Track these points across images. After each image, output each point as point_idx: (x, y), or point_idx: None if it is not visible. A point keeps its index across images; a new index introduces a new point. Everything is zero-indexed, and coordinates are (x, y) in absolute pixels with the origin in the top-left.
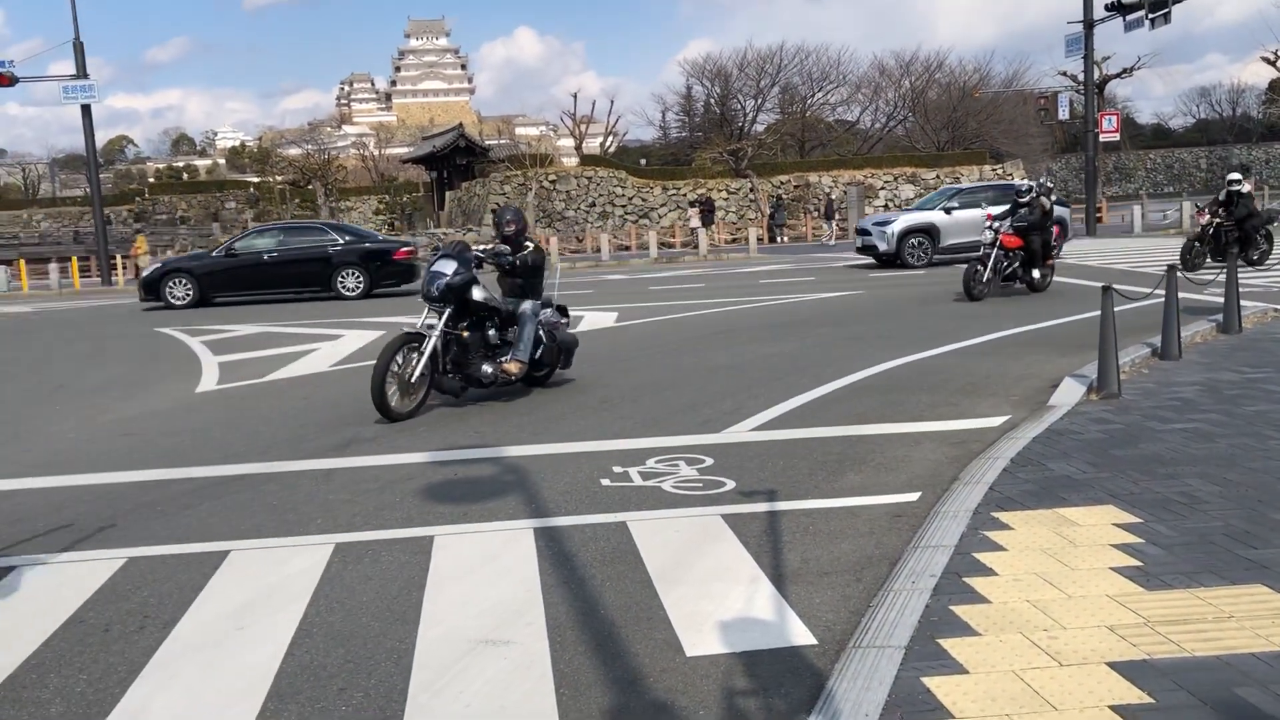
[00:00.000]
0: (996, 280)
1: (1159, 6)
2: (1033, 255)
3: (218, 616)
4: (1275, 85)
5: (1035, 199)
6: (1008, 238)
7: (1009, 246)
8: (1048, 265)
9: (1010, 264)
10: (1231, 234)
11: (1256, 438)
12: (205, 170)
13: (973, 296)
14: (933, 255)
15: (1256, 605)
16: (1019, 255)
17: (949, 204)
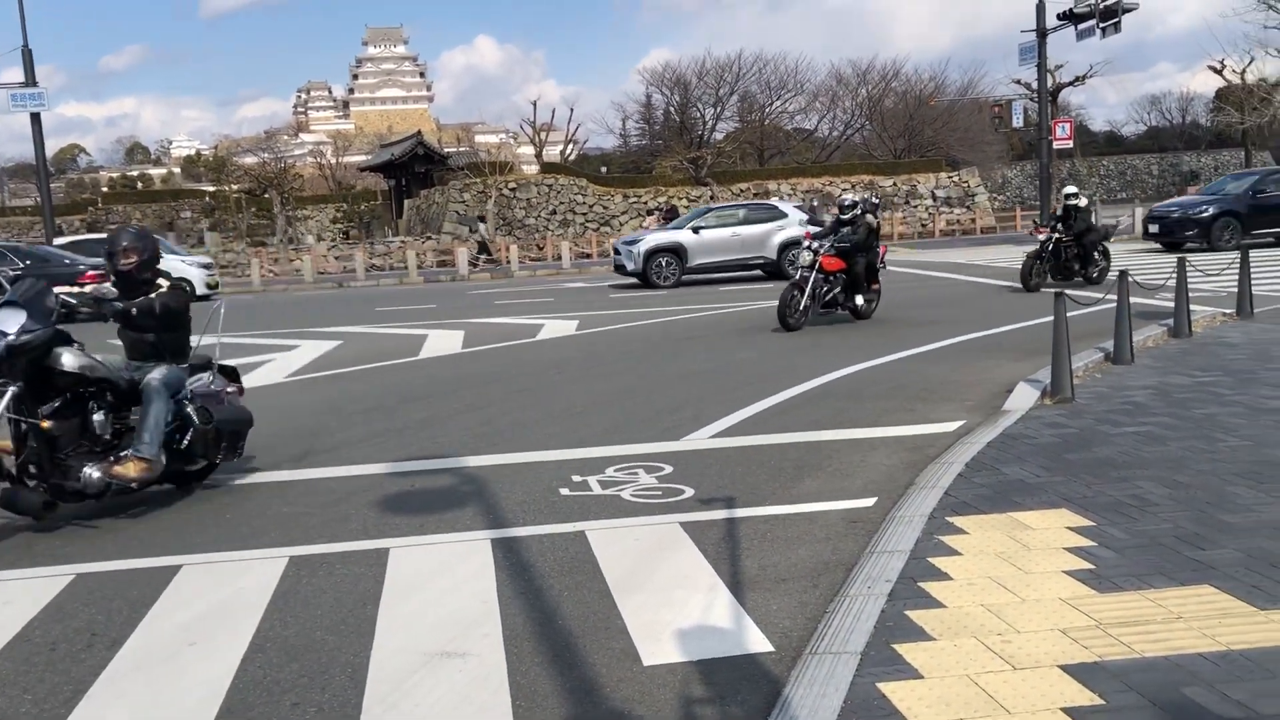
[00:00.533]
0: (815, 307)
1: (1109, 16)
2: (856, 279)
3: (168, 633)
4: (1222, 94)
5: (860, 216)
6: (828, 260)
7: (829, 270)
8: (873, 290)
9: (831, 289)
10: (1071, 250)
11: (1206, 440)
12: (160, 179)
13: (788, 326)
14: (680, 275)
15: (1204, 606)
16: (840, 279)
17: (699, 223)
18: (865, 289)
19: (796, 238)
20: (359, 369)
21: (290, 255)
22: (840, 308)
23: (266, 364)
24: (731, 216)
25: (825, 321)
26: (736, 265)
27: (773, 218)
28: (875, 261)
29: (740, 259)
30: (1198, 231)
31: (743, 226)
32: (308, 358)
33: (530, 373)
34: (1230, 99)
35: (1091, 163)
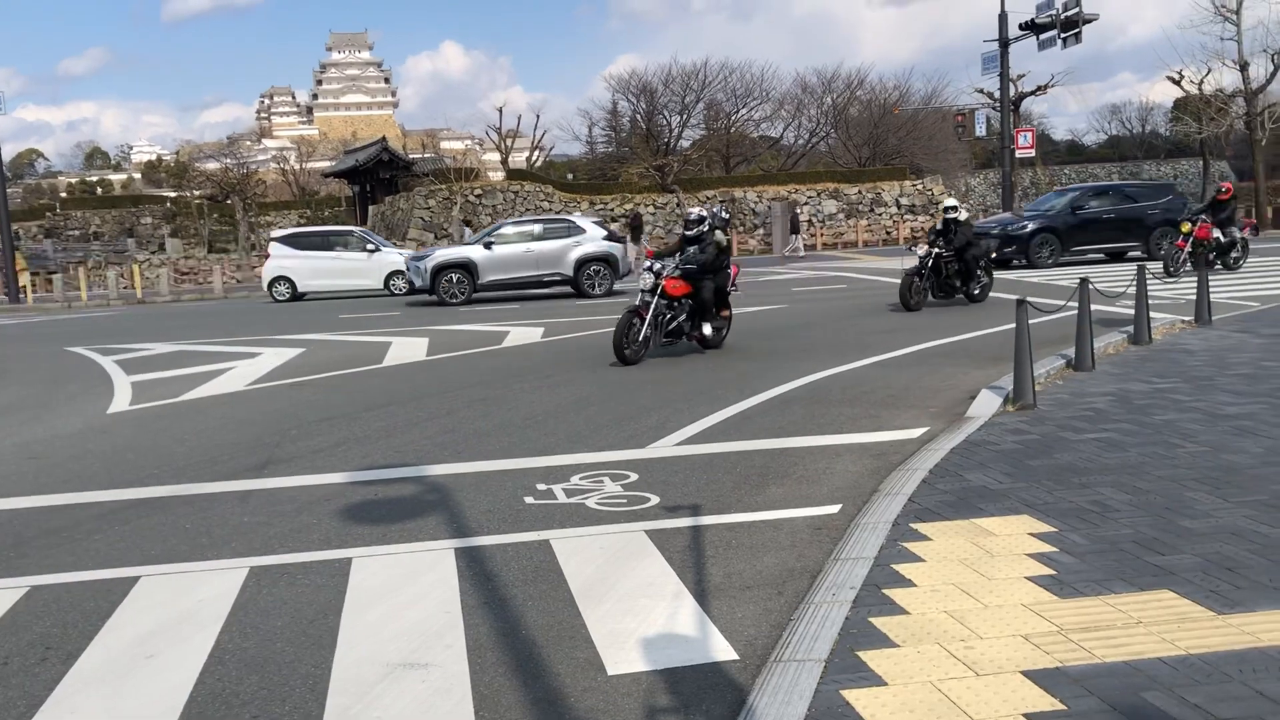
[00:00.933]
0: (658, 336)
1: (1070, 26)
2: (703, 305)
3: (125, 645)
4: (1180, 104)
5: (707, 233)
6: (672, 283)
7: (674, 294)
8: (723, 317)
9: (675, 316)
10: (951, 266)
11: (1165, 446)
12: (120, 185)
13: (625, 359)
14: (472, 292)
15: (1163, 611)
16: (686, 305)
17: (492, 238)
18: (714, 316)
19: (596, 253)
20: (322, 377)
21: (253, 262)
22: (686, 336)
23: (228, 371)
24: (527, 232)
25: (667, 352)
26: (532, 282)
27: (570, 233)
28: (725, 285)
29: (536, 275)
30: (1016, 248)
31: (538, 242)
32: (270, 365)
33: (495, 380)
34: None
35: (1053, 171)
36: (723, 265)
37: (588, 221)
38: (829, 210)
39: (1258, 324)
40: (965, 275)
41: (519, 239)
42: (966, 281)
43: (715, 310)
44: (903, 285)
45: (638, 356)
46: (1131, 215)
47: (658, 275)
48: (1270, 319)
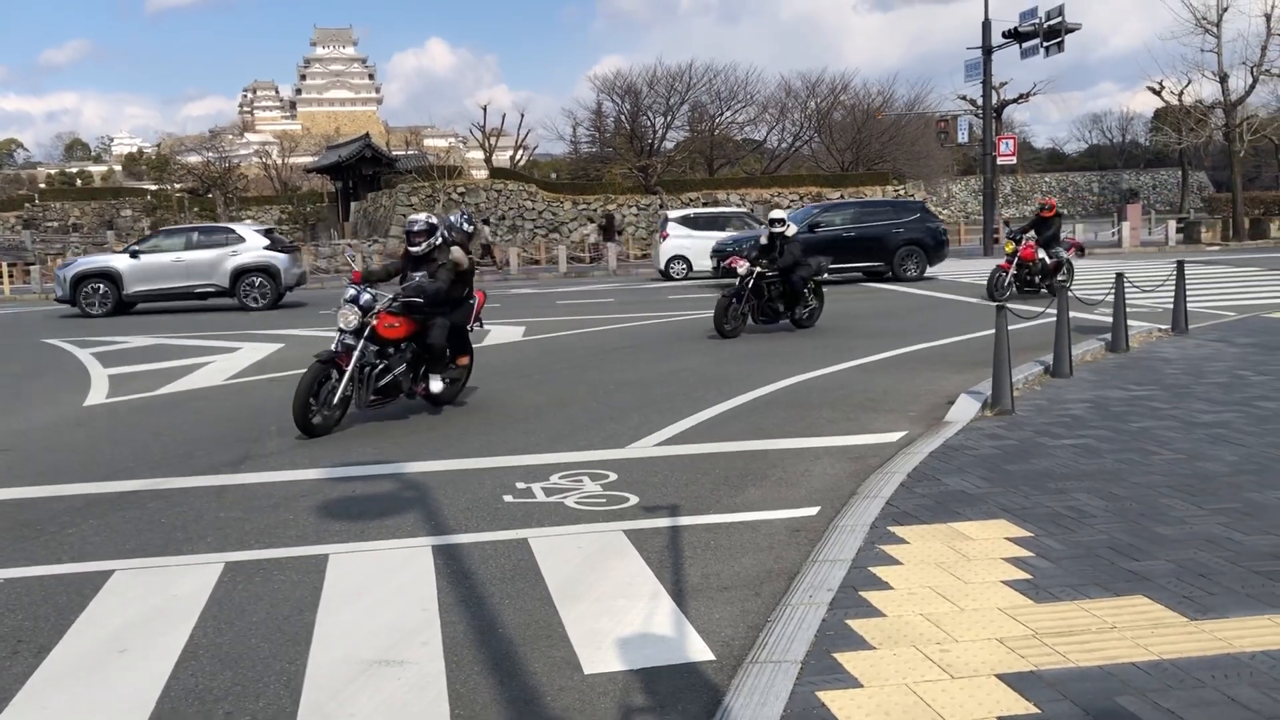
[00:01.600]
0: (364, 395)
1: (1053, 35)
2: (433, 352)
3: (98, 640)
4: (1160, 114)
5: (441, 249)
6: (387, 321)
7: (389, 337)
8: (460, 365)
9: (390, 367)
10: (775, 287)
11: (1140, 453)
12: (100, 177)
13: (309, 429)
14: (116, 302)
15: (1137, 616)
16: (407, 352)
17: (139, 246)
18: (447, 364)
19: (254, 264)
20: (300, 372)
21: None
22: (406, 393)
23: (206, 366)
24: (179, 241)
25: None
26: (183, 293)
27: (227, 242)
28: (465, 322)
29: (187, 286)
30: None
31: (190, 251)
32: (249, 360)
33: (475, 379)
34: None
35: (1034, 179)
36: (462, 296)
37: (250, 230)
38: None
39: (1233, 333)
40: (790, 298)
41: (171, 248)
42: (792, 305)
43: (450, 357)
44: (718, 309)
45: (331, 421)
46: (873, 234)
47: (365, 310)
48: (1246, 329)
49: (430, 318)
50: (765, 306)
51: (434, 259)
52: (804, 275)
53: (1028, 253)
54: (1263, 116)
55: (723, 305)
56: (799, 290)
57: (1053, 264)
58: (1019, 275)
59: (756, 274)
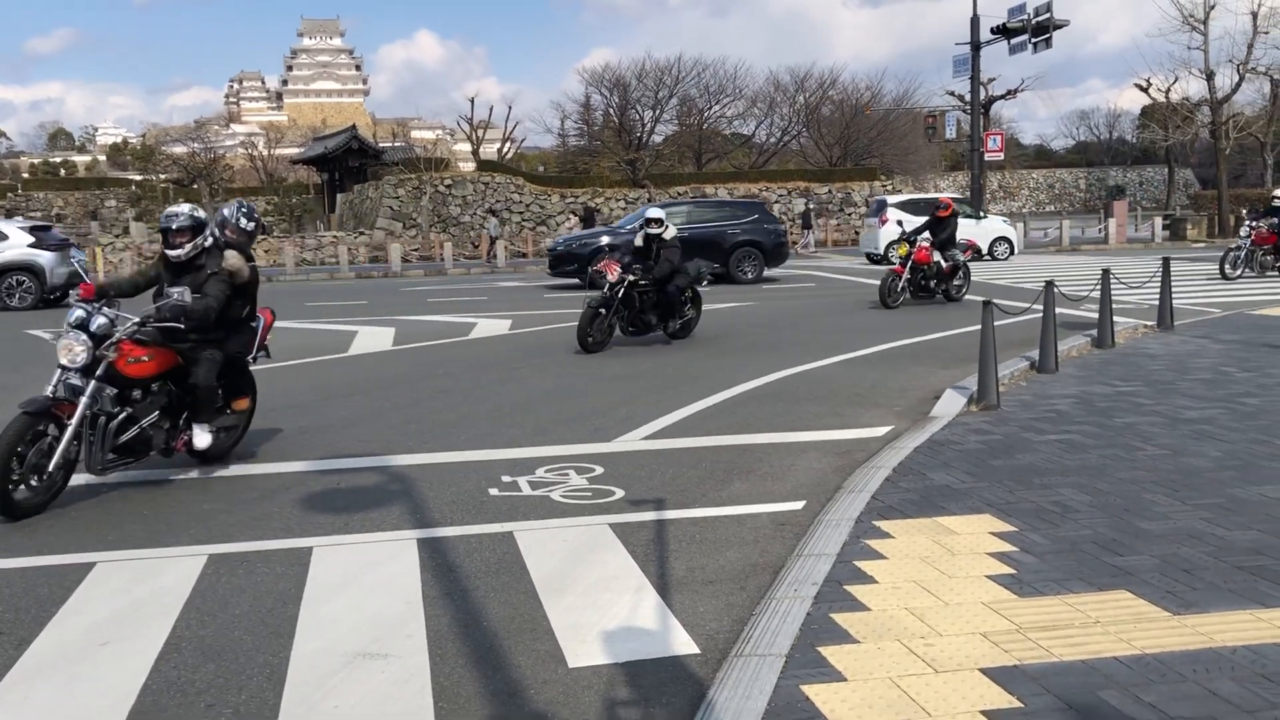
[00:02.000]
0: (98, 455)
1: (1041, 32)
2: (199, 395)
3: (79, 632)
4: (1147, 111)
5: (212, 255)
6: (132, 354)
7: (134, 376)
8: (237, 410)
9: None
10: (648, 298)
11: (1125, 449)
12: (84, 167)
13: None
14: None
15: (1120, 610)
16: (163, 396)
17: None
18: (214, 409)
19: (13, 262)
20: (286, 365)
21: None
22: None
23: None
24: None
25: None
26: None
27: None
28: (245, 352)
29: None
30: (577, 266)
31: None
32: None
33: (462, 371)
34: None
35: (1021, 176)
36: (241, 317)
37: (13, 226)
38: (799, 209)
39: (1218, 330)
40: (665, 310)
41: None
42: (666, 318)
43: (224, 400)
44: (582, 320)
45: (42, 500)
46: (708, 235)
47: (100, 338)
48: (1230, 325)
49: (196, 348)
50: (636, 318)
51: (201, 266)
52: (680, 285)
53: (922, 256)
54: (1248, 114)
55: (588, 316)
56: (674, 301)
57: (948, 267)
58: (913, 279)
59: (628, 283)
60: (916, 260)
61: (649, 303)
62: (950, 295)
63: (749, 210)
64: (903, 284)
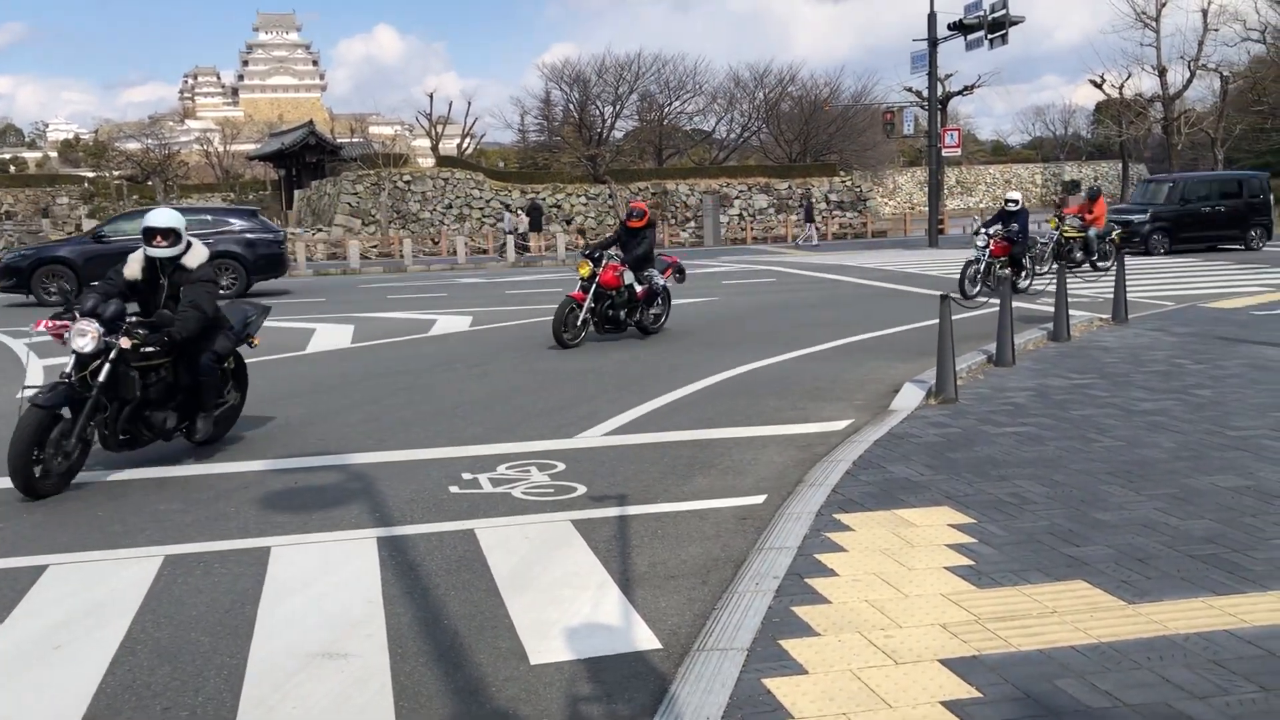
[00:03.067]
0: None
1: (997, 28)
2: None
3: (31, 635)
4: (1102, 107)
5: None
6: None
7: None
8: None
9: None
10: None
11: (1081, 440)
12: (35, 163)
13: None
14: None
15: (1077, 600)
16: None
17: None
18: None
19: None
20: None
21: None
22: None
23: None
24: None
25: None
26: None
27: None
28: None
29: None
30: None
31: None
32: None
33: (422, 369)
34: (1109, 112)
35: (978, 171)
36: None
37: None
38: (760, 205)
39: (1171, 323)
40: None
41: None
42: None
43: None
44: (556, 317)
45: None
46: None
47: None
48: (1183, 318)
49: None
50: (606, 313)
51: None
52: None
53: (609, 278)
54: (1199, 110)
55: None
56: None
57: (643, 292)
58: (597, 309)
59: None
60: (602, 283)
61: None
62: (645, 329)
63: (236, 218)
64: (583, 315)
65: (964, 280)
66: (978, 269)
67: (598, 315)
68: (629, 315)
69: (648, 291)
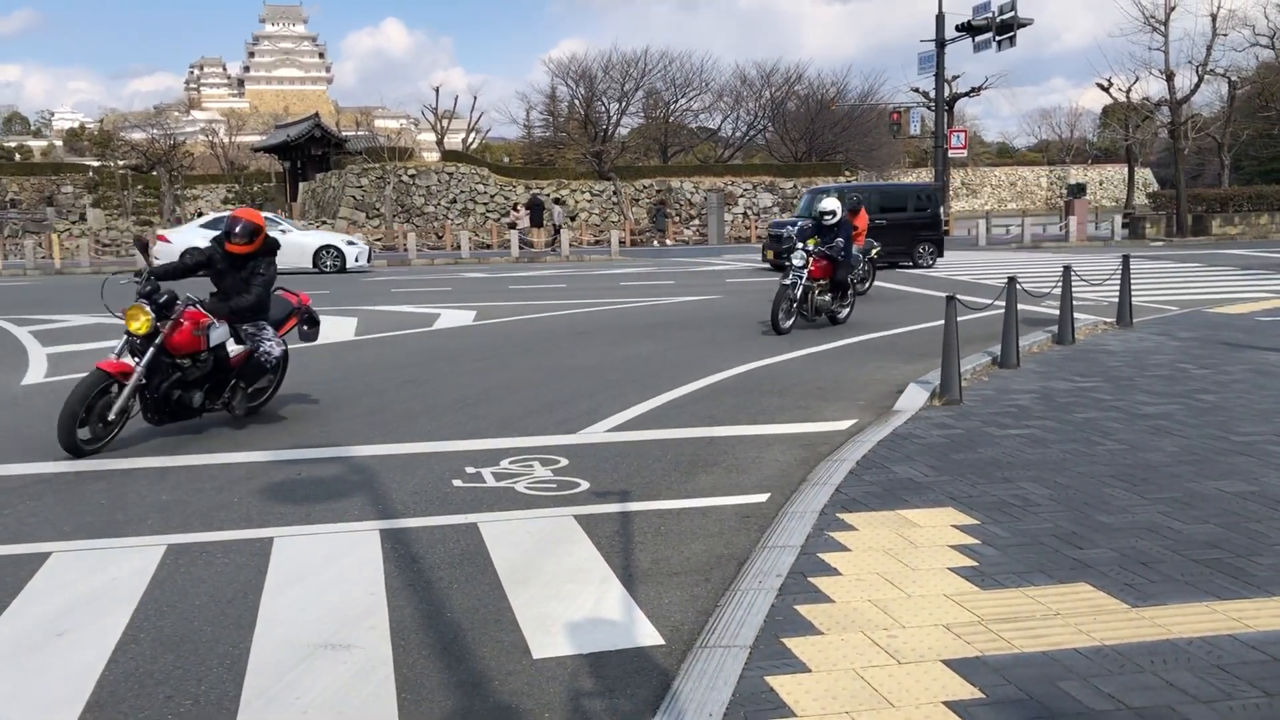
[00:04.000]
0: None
1: (1005, 30)
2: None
3: (34, 622)
4: (1109, 110)
5: None
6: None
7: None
8: None
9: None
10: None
11: (1085, 443)
12: (40, 152)
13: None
14: None
15: (1080, 602)
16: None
17: None
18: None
19: None
20: None
21: None
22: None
23: None
24: None
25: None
26: None
27: None
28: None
29: None
30: None
31: None
32: None
33: (425, 362)
34: (1116, 116)
35: (984, 173)
36: None
37: None
38: (764, 203)
39: (1175, 327)
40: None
41: None
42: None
43: None
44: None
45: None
46: None
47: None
48: (1187, 323)
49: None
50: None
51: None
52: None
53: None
54: (1206, 116)
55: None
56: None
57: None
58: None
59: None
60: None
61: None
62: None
63: None
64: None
65: (777, 311)
66: (793, 296)
67: (152, 399)
68: (211, 396)
69: (247, 357)
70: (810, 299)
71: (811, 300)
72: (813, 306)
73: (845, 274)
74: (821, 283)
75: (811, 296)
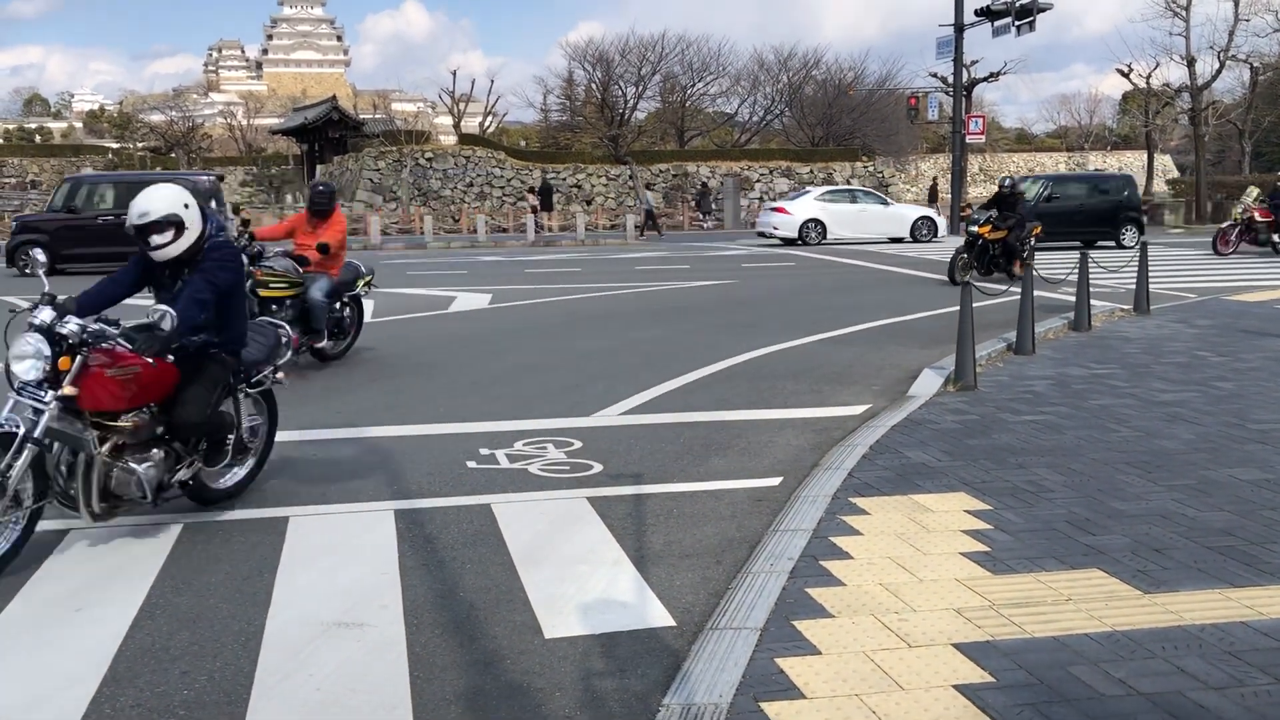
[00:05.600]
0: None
1: (1025, 14)
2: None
3: (53, 599)
4: (1129, 96)
5: None
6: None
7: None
8: None
9: None
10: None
11: (1100, 430)
12: (60, 133)
13: None
14: None
15: (1092, 588)
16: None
17: None
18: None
19: None
20: None
21: None
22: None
23: None
24: None
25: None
26: None
27: None
28: None
29: None
30: None
31: None
32: None
33: (440, 345)
34: (1136, 102)
35: (1002, 159)
36: None
37: None
38: (781, 188)
39: (1193, 315)
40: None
41: None
42: None
43: None
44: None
45: None
46: None
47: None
48: (1205, 310)
49: None
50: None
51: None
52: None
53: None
54: (1228, 102)
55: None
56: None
57: None
58: None
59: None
60: None
61: (997, 250)
62: None
63: None
64: None
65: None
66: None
67: None
68: None
69: None
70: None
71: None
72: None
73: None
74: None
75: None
